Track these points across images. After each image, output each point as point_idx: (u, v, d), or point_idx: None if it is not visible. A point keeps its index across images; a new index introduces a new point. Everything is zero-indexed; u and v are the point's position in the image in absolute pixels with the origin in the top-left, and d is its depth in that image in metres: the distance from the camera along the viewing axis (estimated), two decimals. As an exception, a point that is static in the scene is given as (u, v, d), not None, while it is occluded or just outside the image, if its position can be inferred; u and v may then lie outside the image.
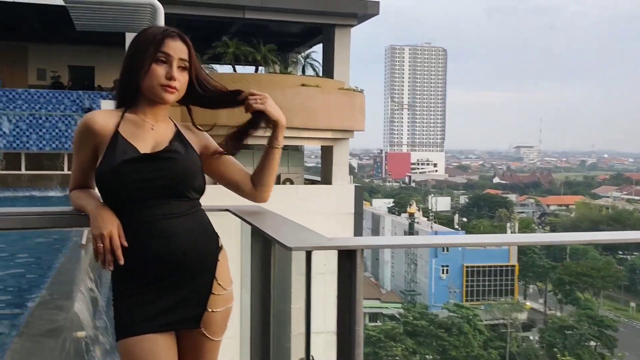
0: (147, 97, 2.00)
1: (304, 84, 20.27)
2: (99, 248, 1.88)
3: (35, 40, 23.02)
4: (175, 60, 1.98)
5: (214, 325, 2.00)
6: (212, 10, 20.87)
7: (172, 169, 1.95)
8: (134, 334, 1.91)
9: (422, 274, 71.02)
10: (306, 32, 25.20)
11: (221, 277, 2.02)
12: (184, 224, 1.96)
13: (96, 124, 1.97)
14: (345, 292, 1.40)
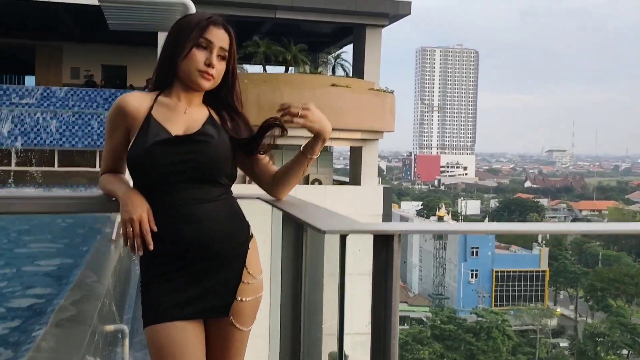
0: (183, 81, 1.98)
1: (334, 84, 20.22)
2: (128, 232, 1.85)
3: (69, 40, 23.39)
4: (216, 48, 1.95)
5: (243, 315, 1.96)
6: (244, 10, 20.94)
7: (203, 152, 1.91)
8: (161, 321, 1.88)
9: (451, 278, 70.39)
10: (337, 32, 25.14)
11: (251, 265, 1.98)
12: (214, 209, 1.92)
13: (129, 105, 1.95)
14: (381, 280, 1.33)
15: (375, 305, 1.32)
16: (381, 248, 1.34)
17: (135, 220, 1.84)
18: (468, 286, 67.35)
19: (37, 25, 22.72)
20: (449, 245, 72.48)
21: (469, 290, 66.91)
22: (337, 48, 26.50)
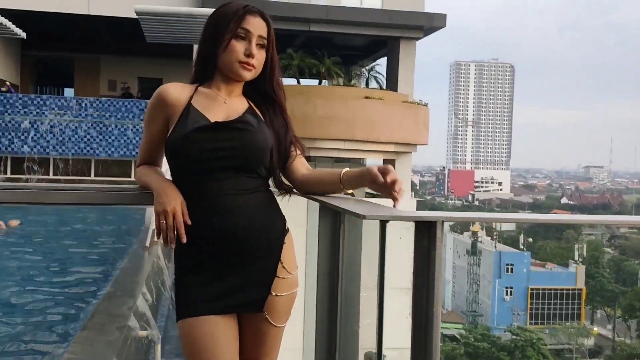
0: (223, 72, 1.96)
1: (367, 97, 20.16)
2: (161, 225, 1.82)
3: (107, 53, 23.86)
4: (254, 37, 1.93)
5: (278, 310, 1.91)
6: (278, 23, 20.83)
7: (243, 140, 1.89)
8: (194, 315, 1.85)
9: (485, 295, 69.35)
10: (370, 44, 25.15)
11: (286, 260, 1.93)
12: (250, 202, 1.89)
13: (170, 95, 1.94)
14: (422, 270, 1.25)
15: (416, 294, 1.24)
16: (423, 235, 1.26)
17: (169, 212, 1.81)
18: (502, 303, 66.26)
19: (76, 38, 23.24)
20: (483, 262, 71.54)
21: (504, 307, 65.81)
22: (371, 61, 26.50)
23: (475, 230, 76.31)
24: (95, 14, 20.39)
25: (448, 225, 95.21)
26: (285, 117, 2.03)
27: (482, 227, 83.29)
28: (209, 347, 1.83)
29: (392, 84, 22.87)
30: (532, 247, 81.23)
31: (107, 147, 16.13)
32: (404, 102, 21.22)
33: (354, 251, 1.58)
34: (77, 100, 16.69)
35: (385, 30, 22.14)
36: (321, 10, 21.04)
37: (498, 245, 75.38)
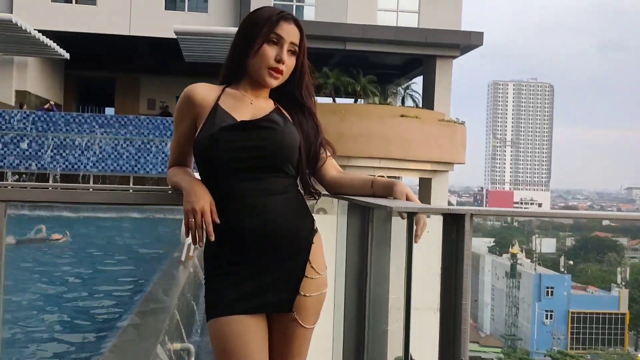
0: (252, 76, 1.96)
1: (403, 115, 20.08)
2: (190, 223, 1.81)
3: (147, 72, 24.38)
4: (286, 43, 1.93)
5: (307, 311, 1.89)
6: (314, 42, 21.23)
7: (270, 139, 1.89)
8: (223, 314, 1.86)
9: (524, 319, 67.91)
10: (407, 63, 25.13)
11: (315, 260, 1.91)
12: (279, 202, 1.88)
13: (197, 95, 1.95)
14: (451, 263, 1.21)
15: (444, 287, 1.20)
16: (451, 229, 1.22)
17: (198, 211, 1.81)
18: (542, 327, 64.76)
19: (117, 58, 23.82)
20: (522, 285, 70.17)
21: (544, 331, 64.30)
22: (407, 79, 26.46)
23: (514, 252, 74.97)
24: (136, 35, 20.88)
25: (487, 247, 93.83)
26: (315, 120, 2.02)
27: (522, 249, 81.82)
28: (239, 346, 1.83)
29: (429, 102, 22.78)
30: (573, 270, 79.34)
31: (145, 164, 16.39)
32: (441, 121, 21.07)
33: (383, 250, 1.54)
34: (117, 118, 17.04)
35: (421, 49, 22.11)
36: (357, 29, 21.14)
37: (538, 267, 73.82)
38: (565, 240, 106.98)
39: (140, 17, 20.84)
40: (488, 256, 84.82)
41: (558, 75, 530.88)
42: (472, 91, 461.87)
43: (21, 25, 16.69)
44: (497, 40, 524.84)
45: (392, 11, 22.79)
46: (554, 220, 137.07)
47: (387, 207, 1.43)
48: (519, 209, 18.28)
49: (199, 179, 1.95)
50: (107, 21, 20.55)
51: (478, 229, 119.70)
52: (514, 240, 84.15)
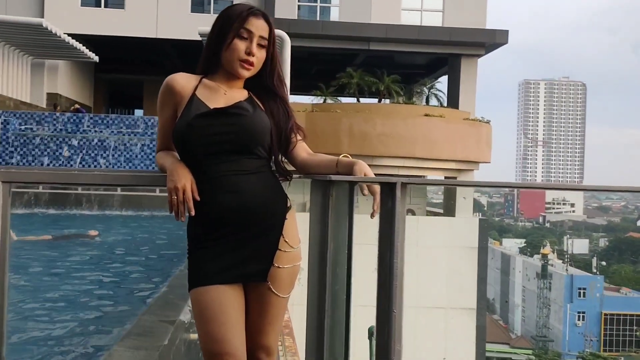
0: (225, 68, 2.13)
1: (428, 114, 20.06)
2: (172, 200, 1.99)
3: (174, 75, 24.73)
4: (255, 37, 2.08)
5: (280, 281, 2.04)
6: (338, 43, 21.39)
7: (240, 124, 2.04)
8: (204, 284, 2.03)
9: (556, 320, 66.94)
10: (431, 62, 25.09)
11: (288, 235, 2.06)
12: (253, 181, 2.04)
13: (176, 83, 2.11)
14: (386, 227, 1.35)
15: (381, 249, 1.34)
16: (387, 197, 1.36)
17: (180, 188, 1.99)
18: (574, 329, 63.77)
19: (145, 61, 24.26)
20: (553, 285, 69.19)
21: (576, 333, 63.31)
22: (432, 79, 26.41)
23: (545, 252, 73.95)
24: (163, 37, 21.26)
25: (518, 248, 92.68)
26: (286, 107, 2.17)
27: (554, 250, 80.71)
28: (217, 313, 2.01)
29: (454, 101, 22.73)
30: (606, 270, 77.99)
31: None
32: (466, 120, 21.00)
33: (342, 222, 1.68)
34: (144, 119, 17.39)
35: (446, 48, 22.08)
36: (381, 29, 21.21)
37: (569, 268, 72.71)
38: (599, 241, 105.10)
39: (167, 20, 21.23)
40: (518, 257, 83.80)
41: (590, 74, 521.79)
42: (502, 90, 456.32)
43: (52, 30, 17.15)
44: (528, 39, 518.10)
45: (416, 10, 22.81)
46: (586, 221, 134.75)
47: (328, 178, 1.57)
48: (451, 180, 17.76)
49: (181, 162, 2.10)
50: (135, 24, 20.97)
51: (509, 230, 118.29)
52: (545, 241, 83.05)
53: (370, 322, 2.28)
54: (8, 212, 2.10)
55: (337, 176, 1.60)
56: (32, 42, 18.64)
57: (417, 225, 20.01)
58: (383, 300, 1.31)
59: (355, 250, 1.57)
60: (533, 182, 4.01)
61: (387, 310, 1.31)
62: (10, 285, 1.94)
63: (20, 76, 20.12)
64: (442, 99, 23.83)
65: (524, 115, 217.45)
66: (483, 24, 22.47)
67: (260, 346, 2.08)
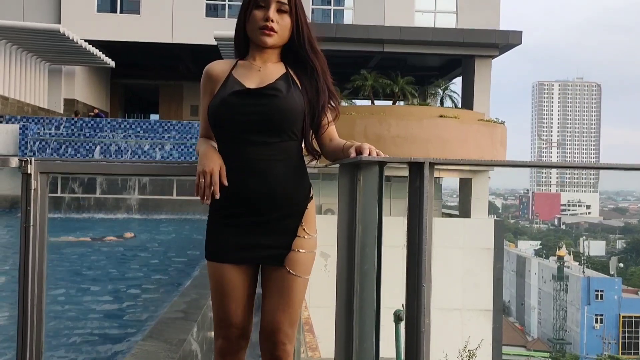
0: (254, 42, 2.17)
1: (442, 115, 20.06)
2: (200, 183, 2.04)
3: (189, 79, 24.97)
4: (273, 3, 2.10)
5: (298, 264, 2.09)
6: (352, 45, 21.45)
7: (273, 105, 2.06)
8: (221, 261, 2.11)
9: (573, 323, 66.43)
10: (445, 64, 25.09)
11: (307, 223, 2.11)
12: (281, 167, 2.07)
13: (214, 70, 2.17)
14: (414, 205, 1.41)
15: (410, 226, 1.40)
16: (415, 176, 1.42)
17: (207, 172, 2.04)
18: (592, 331, 63.24)
19: (160, 66, 24.46)
20: (570, 288, 68.66)
21: (593, 335, 62.77)
22: (446, 80, 26.40)
23: (561, 254, 73.41)
24: (178, 42, 21.43)
25: (533, 250, 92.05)
26: (318, 82, 2.15)
27: (570, 252, 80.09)
28: (230, 289, 2.11)
29: (468, 102, 22.71)
30: (623, 272, 77.29)
31: (187, 167, 16.84)
32: (480, 121, 20.98)
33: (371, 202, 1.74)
34: (161, 123, 17.55)
35: (460, 49, 22.07)
36: (394, 31, 21.25)
37: (586, 270, 72.14)
38: (616, 242, 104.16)
39: (182, 25, 21.41)
40: (534, 259, 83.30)
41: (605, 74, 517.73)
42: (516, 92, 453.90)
43: (69, 35, 17.37)
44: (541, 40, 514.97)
45: (429, 12, 22.83)
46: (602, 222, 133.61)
47: (357, 159, 1.63)
48: (479, 160, 18.08)
49: (215, 147, 2.16)
50: (150, 30, 21.17)
51: (524, 232, 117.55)
52: (561, 243, 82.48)
53: (395, 307, 2.32)
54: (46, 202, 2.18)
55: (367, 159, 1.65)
56: (50, 48, 18.88)
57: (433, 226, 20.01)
58: (412, 274, 1.37)
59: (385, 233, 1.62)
60: (567, 161, 3.97)
61: (416, 285, 1.37)
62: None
63: (38, 82, 20.38)
64: (456, 101, 23.82)
65: (538, 116, 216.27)
66: (497, 25, 22.46)
67: (278, 328, 2.10)
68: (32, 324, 2.13)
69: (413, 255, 1.37)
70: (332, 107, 2.19)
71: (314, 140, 2.18)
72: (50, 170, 2.15)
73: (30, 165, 2.11)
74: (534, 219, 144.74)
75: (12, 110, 17.46)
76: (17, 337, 2.15)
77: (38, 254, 2.14)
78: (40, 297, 2.15)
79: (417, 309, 1.39)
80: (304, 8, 2.20)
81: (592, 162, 2.24)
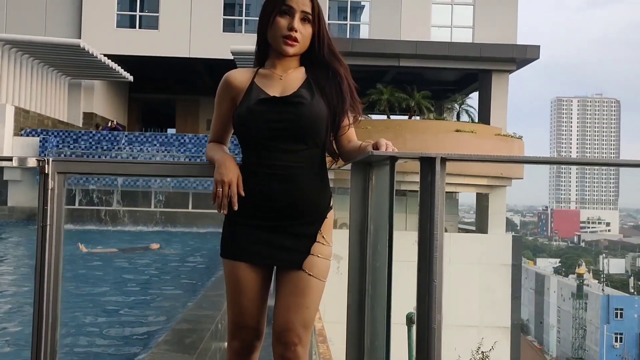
0: (275, 50, 2.16)
1: (458, 130, 20.02)
2: (218, 192, 2.05)
3: (205, 94, 25.14)
4: (297, 12, 2.09)
5: (316, 267, 2.08)
6: (368, 60, 21.50)
7: (298, 113, 2.06)
8: (238, 259, 2.11)
9: (592, 342, 65.46)
10: (461, 78, 25.05)
11: (326, 231, 2.11)
12: (305, 174, 2.08)
13: (235, 79, 2.17)
14: (426, 199, 1.40)
15: (422, 221, 1.39)
16: (426, 171, 1.42)
17: (226, 182, 2.04)
18: (612, 350, 62.25)
19: (177, 80, 24.69)
20: (589, 306, 67.73)
21: (613, 355, 61.79)
22: (463, 95, 26.35)
23: (581, 272, 72.52)
24: (195, 57, 21.63)
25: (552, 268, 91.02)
26: (342, 85, 2.14)
27: (589, 269, 79.13)
28: (247, 289, 2.11)
29: (485, 117, 22.63)
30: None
31: (204, 180, 16.95)
32: (497, 135, 20.90)
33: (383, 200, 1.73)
34: (177, 136, 17.69)
35: (476, 64, 22.03)
36: (410, 46, 21.28)
37: (606, 288, 71.15)
38: (636, 260, 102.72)
39: (199, 40, 21.62)
40: (553, 277, 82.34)
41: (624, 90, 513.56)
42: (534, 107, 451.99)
43: (88, 50, 17.62)
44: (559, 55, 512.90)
45: (446, 27, 22.86)
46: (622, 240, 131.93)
47: (369, 153, 1.63)
48: (491, 155, 17.78)
49: (231, 155, 2.17)
50: (168, 44, 21.41)
51: (543, 249, 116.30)
52: (580, 261, 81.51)
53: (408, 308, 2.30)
54: (63, 202, 2.20)
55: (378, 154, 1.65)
56: (70, 62, 19.16)
57: (449, 242, 19.89)
58: (423, 270, 1.36)
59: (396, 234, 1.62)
60: (593, 158, 3.84)
61: (427, 281, 1.36)
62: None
63: (58, 96, 20.67)
64: (473, 115, 23.74)
65: (557, 132, 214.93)
66: (514, 40, 22.42)
67: (290, 328, 2.06)
68: (47, 324, 2.14)
69: (424, 250, 1.36)
70: (354, 109, 2.17)
71: (333, 142, 2.17)
72: (67, 170, 2.17)
73: (48, 165, 2.13)
74: (553, 237, 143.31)
75: (33, 123, 17.70)
76: (32, 337, 2.16)
77: (54, 253, 2.15)
78: (55, 297, 2.16)
79: (428, 305, 1.38)
80: (324, 16, 2.19)
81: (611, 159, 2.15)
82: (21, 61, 18.02)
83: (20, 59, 17.94)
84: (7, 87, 17.23)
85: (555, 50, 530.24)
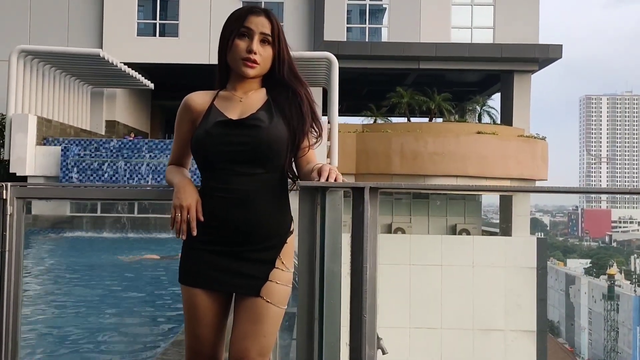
0: (235, 72, 2.13)
1: (480, 132, 19.80)
2: (176, 217, 2.02)
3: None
4: (256, 34, 2.07)
5: (275, 294, 2.03)
6: (387, 63, 21.40)
7: (255, 136, 2.02)
8: (195, 286, 2.07)
9: (625, 344, 64.34)
10: (482, 80, 24.79)
11: (285, 256, 2.06)
12: (265, 198, 2.03)
13: (194, 101, 2.15)
14: (357, 230, 1.35)
15: (353, 252, 1.34)
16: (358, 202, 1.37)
17: (185, 207, 2.02)
18: (646, 353, 60.97)
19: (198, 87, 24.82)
20: (621, 307, 66.55)
21: (647, 357, 60.51)
22: (484, 96, 26.07)
23: (612, 273, 71.35)
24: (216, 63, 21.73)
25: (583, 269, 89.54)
26: (302, 106, 2.10)
27: (621, 270, 77.75)
28: (200, 315, 2.08)
29: (507, 118, 22.36)
30: (678, 291, 74.36)
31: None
32: (520, 137, 20.62)
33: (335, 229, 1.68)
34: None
35: (498, 65, 21.78)
36: (430, 48, 21.12)
37: (638, 289, 69.77)
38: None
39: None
40: (584, 278, 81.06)
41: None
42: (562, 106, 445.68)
43: (109, 59, 17.82)
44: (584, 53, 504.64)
45: (466, 28, 22.64)
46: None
47: (297, 183, 1.59)
48: (423, 184, 17.12)
49: (190, 179, 2.14)
50: (189, 52, 21.55)
51: (573, 250, 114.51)
52: (612, 261, 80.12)
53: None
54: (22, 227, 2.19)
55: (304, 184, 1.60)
56: (91, 71, 19.40)
57: (472, 245, 19.62)
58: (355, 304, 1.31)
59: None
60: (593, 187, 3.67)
61: (358, 315, 1.31)
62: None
63: (81, 105, 20.94)
64: (495, 117, 23.46)
65: (586, 131, 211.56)
66: (535, 39, 22.08)
67: (245, 355, 2.01)
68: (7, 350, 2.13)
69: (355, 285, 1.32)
70: (315, 131, 2.13)
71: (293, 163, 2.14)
72: (26, 195, 2.16)
73: (6, 190, 2.12)
74: (584, 237, 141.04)
75: (55, 132, 17.94)
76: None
77: (14, 278, 2.14)
78: (15, 324, 2.14)
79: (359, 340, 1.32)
80: (285, 37, 2.15)
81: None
82: (43, 71, 18.29)
83: (42, 69, 18.21)
84: (29, 98, 17.49)
85: (582, 47, 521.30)
